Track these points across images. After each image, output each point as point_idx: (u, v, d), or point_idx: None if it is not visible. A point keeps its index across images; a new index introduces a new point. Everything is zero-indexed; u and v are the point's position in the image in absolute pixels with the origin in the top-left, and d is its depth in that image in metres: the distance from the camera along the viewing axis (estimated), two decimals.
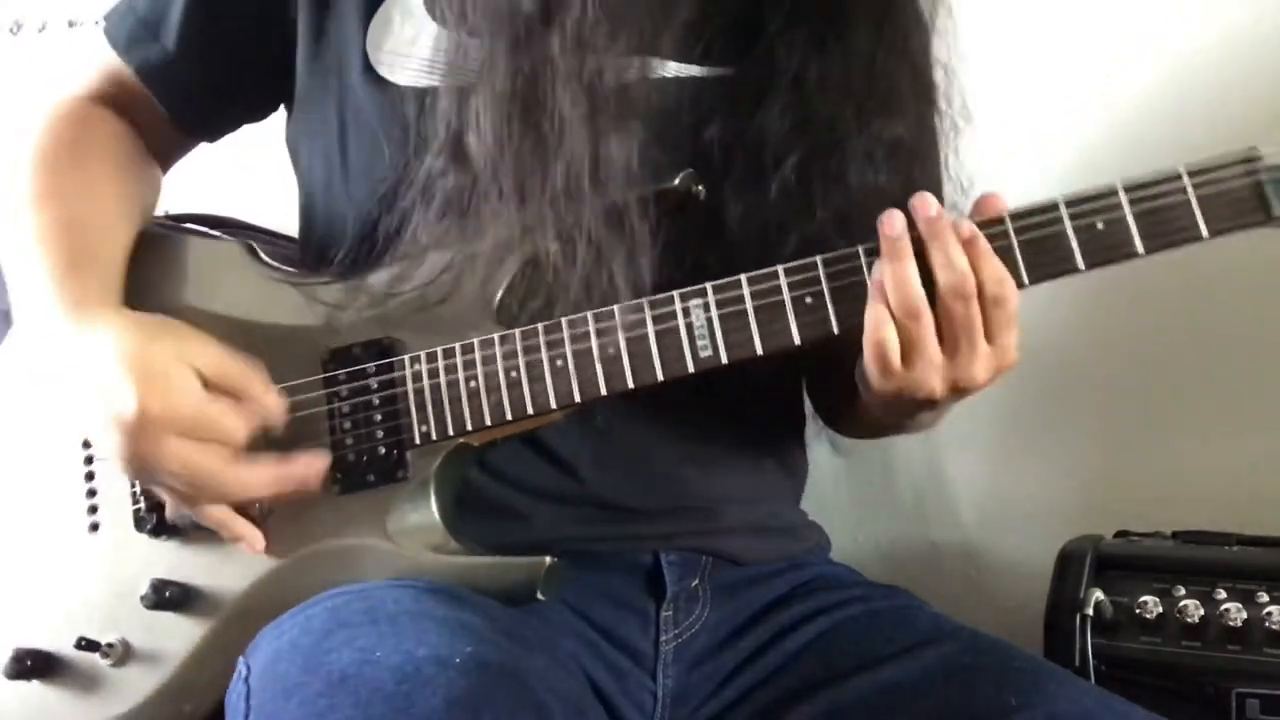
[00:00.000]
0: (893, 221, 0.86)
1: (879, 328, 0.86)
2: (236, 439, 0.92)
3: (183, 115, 1.11)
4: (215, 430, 0.91)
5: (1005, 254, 0.86)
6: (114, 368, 0.91)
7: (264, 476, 0.93)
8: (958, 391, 0.87)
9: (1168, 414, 1.40)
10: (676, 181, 0.94)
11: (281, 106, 1.12)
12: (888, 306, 0.85)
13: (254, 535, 0.95)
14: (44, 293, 0.98)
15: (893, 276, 0.85)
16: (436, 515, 0.93)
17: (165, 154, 1.14)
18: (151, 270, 1.03)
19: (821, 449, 1.18)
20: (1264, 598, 1.12)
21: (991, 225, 0.86)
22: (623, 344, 0.90)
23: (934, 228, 0.85)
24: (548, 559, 0.90)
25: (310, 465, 0.94)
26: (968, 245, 0.85)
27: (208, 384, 0.91)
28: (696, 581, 1.03)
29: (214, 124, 1.14)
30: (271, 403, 0.94)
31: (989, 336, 0.86)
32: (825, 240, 0.91)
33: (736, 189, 0.98)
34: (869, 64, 0.99)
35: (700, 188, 0.95)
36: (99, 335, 0.93)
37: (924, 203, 0.86)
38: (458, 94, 0.94)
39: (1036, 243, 0.86)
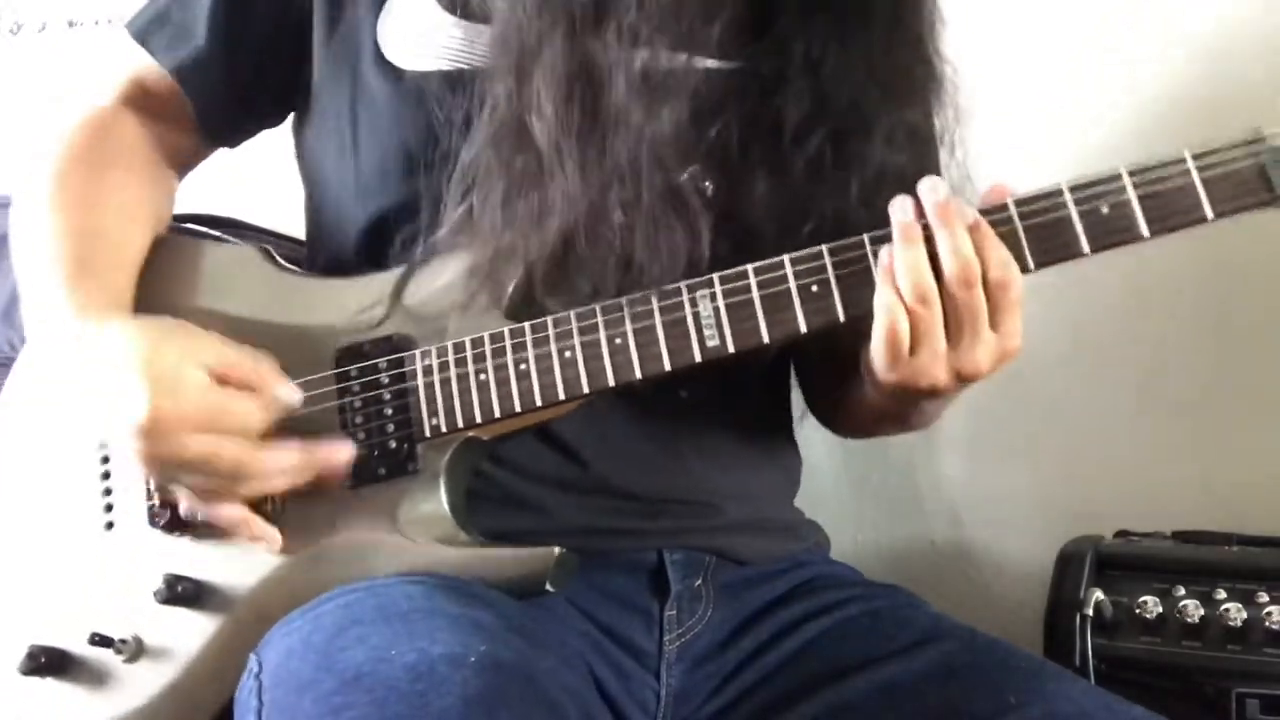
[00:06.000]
0: (905, 207, 0.86)
1: (891, 313, 0.85)
2: (253, 426, 0.93)
3: (209, 116, 1.11)
4: (231, 419, 0.92)
5: (1010, 239, 0.86)
6: (123, 372, 0.91)
7: (290, 460, 0.93)
8: (963, 380, 0.87)
9: (1168, 414, 1.41)
10: (684, 178, 0.94)
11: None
12: (898, 293, 0.85)
13: (273, 535, 0.95)
14: (53, 297, 0.99)
15: (905, 262, 0.85)
16: (446, 506, 0.94)
17: (183, 161, 1.15)
18: (169, 274, 1.05)
19: (820, 449, 1.19)
20: (1264, 598, 1.12)
21: (996, 211, 0.87)
22: (630, 335, 0.91)
23: (943, 213, 0.85)
24: (556, 549, 0.91)
25: (336, 452, 0.94)
26: (972, 231, 0.85)
27: (218, 379, 0.92)
28: (700, 581, 1.03)
29: (238, 125, 1.14)
30: (284, 389, 0.95)
31: (993, 323, 0.86)
32: (846, 223, 0.91)
33: (752, 176, 0.98)
34: (887, 49, 0.99)
35: (708, 183, 0.96)
36: (106, 340, 0.94)
37: (933, 188, 0.86)
38: (514, 74, 0.93)
39: (1041, 228, 0.86)
